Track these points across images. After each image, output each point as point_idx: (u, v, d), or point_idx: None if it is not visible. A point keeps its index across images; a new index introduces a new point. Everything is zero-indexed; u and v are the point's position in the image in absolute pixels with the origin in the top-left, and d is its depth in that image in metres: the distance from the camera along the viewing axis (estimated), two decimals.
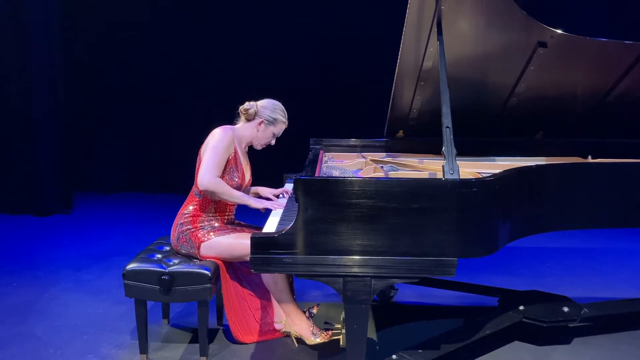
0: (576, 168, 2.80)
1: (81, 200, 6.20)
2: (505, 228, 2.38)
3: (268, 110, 2.86)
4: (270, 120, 2.85)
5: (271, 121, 2.86)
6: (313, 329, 2.86)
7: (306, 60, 6.29)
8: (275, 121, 2.86)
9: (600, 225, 2.77)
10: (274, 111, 2.87)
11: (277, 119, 2.87)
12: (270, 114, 2.86)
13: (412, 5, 2.46)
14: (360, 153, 3.38)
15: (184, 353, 2.86)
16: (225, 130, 2.78)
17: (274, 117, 2.86)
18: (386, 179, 2.28)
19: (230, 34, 6.31)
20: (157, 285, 2.64)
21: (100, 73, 6.50)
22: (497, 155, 3.27)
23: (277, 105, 2.90)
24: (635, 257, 4.54)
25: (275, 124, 2.87)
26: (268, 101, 2.90)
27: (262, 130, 2.87)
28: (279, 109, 2.89)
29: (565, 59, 2.86)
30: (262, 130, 2.86)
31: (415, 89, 2.96)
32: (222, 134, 2.75)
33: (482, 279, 3.63)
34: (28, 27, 5.47)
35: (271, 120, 2.86)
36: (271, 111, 2.86)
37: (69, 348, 2.90)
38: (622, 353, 2.90)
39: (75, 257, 4.36)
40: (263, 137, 2.89)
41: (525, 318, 2.89)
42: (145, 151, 6.63)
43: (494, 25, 2.69)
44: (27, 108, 5.60)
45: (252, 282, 2.99)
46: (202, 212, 2.81)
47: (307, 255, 2.16)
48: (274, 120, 2.86)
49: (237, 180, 2.81)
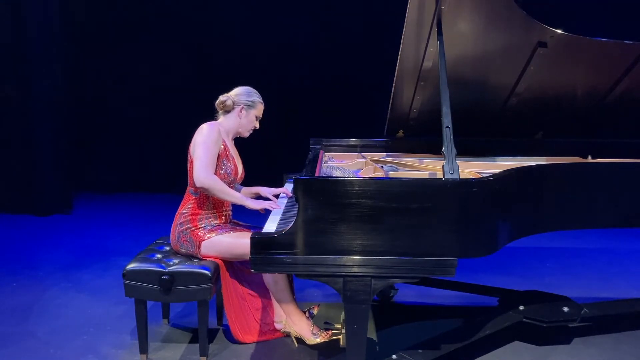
0: (576, 168, 2.80)
1: (81, 200, 6.21)
2: (505, 228, 2.38)
3: (243, 96, 2.90)
4: (249, 103, 2.89)
5: (250, 104, 2.89)
6: (313, 328, 2.87)
7: (306, 60, 6.29)
8: (253, 103, 2.90)
9: (600, 225, 2.77)
10: (250, 95, 2.91)
11: (255, 100, 2.91)
12: (247, 98, 2.89)
13: (412, 5, 2.46)
14: (360, 153, 3.38)
15: (184, 353, 2.86)
16: (212, 125, 2.81)
17: (251, 99, 2.90)
18: (386, 179, 2.28)
19: (231, 34, 6.31)
20: (157, 285, 2.64)
21: (101, 73, 6.51)
22: (497, 155, 3.27)
23: (249, 89, 2.94)
24: (635, 257, 4.53)
25: (254, 106, 2.91)
26: (240, 88, 2.94)
27: (245, 116, 2.90)
28: (253, 92, 2.93)
29: (565, 59, 2.86)
30: (244, 116, 2.90)
31: (415, 89, 2.96)
32: (209, 128, 2.77)
33: (482, 279, 3.63)
34: (27, 27, 5.47)
35: (250, 103, 2.89)
36: (247, 96, 2.90)
37: (69, 348, 2.90)
38: (622, 353, 2.90)
39: (75, 257, 4.37)
40: (247, 122, 2.92)
41: (525, 318, 2.89)
42: (145, 151, 6.63)
43: (494, 25, 2.69)
44: (27, 108, 5.60)
45: (252, 282, 2.99)
46: (200, 210, 2.81)
47: (307, 255, 2.16)
48: (252, 103, 2.90)
49: (231, 174, 2.82)
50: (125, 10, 6.35)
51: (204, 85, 6.36)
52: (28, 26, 5.47)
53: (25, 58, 5.53)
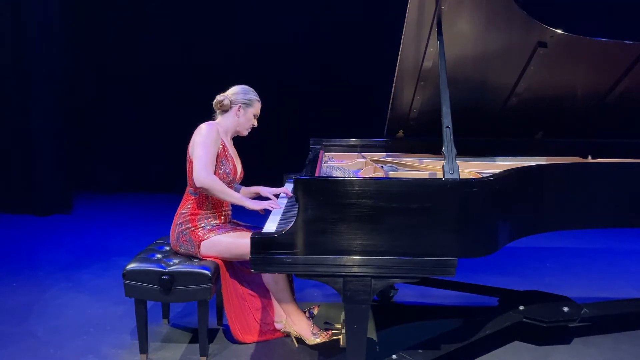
0: (576, 168, 2.80)
1: (81, 200, 6.21)
2: (505, 228, 2.38)
3: (240, 95, 2.90)
4: (246, 102, 2.89)
5: (247, 103, 2.89)
6: (313, 328, 2.87)
7: (306, 60, 6.29)
8: (250, 102, 2.90)
9: (600, 225, 2.77)
10: (246, 93, 2.91)
11: (252, 99, 2.91)
12: (244, 97, 2.89)
13: (412, 5, 2.46)
14: (360, 153, 3.37)
15: (184, 353, 2.86)
16: (211, 125, 2.81)
17: (248, 98, 2.90)
18: (386, 179, 2.28)
19: (231, 33, 6.31)
20: (157, 285, 2.64)
21: (101, 73, 6.50)
22: (497, 155, 3.27)
23: (246, 87, 2.94)
24: (635, 257, 4.53)
25: (251, 104, 2.91)
26: (236, 87, 2.93)
27: (243, 115, 2.90)
28: (249, 91, 2.93)
29: (565, 59, 2.86)
30: (242, 115, 2.89)
31: (415, 89, 2.96)
32: (208, 128, 2.78)
33: (482, 279, 3.62)
34: (27, 27, 5.47)
35: (247, 102, 2.89)
36: (244, 94, 2.90)
37: (69, 348, 2.90)
38: (622, 353, 2.90)
39: (75, 257, 4.36)
40: (246, 120, 2.92)
41: (525, 318, 2.89)
42: (145, 151, 6.63)
43: (494, 25, 2.69)
44: (27, 108, 5.60)
45: (252, 282, 2.99)
46: (200, 210, 2.81)
47: (307, 255, 2.16)
48: (249, 101, 2.90)
49: (230, 173, 2.82)
50: (125, 11, 6.35)
51: (203, 85, 6.35)
52: (28, 26, 5.47)
53: (25, 58, 5.53)
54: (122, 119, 6.57)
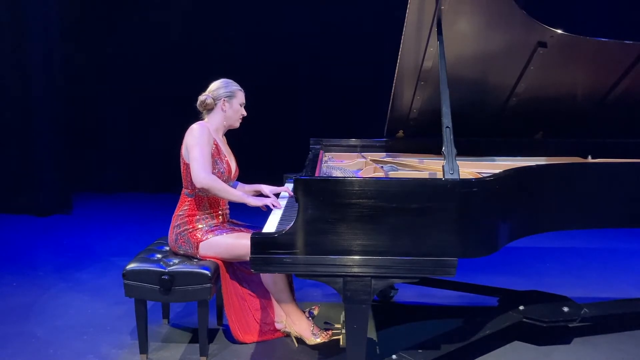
0: (576, 168, 2.80)
1: (81, 200, 6.20)
2: (505, 228, 2.38)
3: (222, 89, 2.88)
4: (229, 94, 2.87)
5: (230, 95, 2.88)
6: (313, 329, 2.86)
7: (306, 60, 6.28)
8: (233, 93, 2.88)
9: (600, 225, 2.77)
10: (227, 86, 2.89)
11: (233, 90, 2.89)
12: (226, 90, 2.88)
13: (412, 5, 2.46)
14: (360, 153, 3.37)
15: (184, 353, 2.86)
16: (202, 125, 2.80)
17: (230, 90, 2.88)
18: (386, 179, 2.28)
19: (230, 34, 6.31)
20: (157, 285, 2.64)
21: (100, 73, 6.50)
22: (497, 155, 3.27)
23: (225, 80, 2.92)
24: (635, 257, 4.53)
25: (234, 95, 2.89)
26: (216, 83, 2.92)
27: (229, 108, 2.88)
28: (229, 82, 2.92)
29: (565, 59, 2.86)
30: (228, 108, 2.88)
31: (415, 89, 2.96)
32: (200, 128, 2.77)
33: (482, 279, 3.62)
34: (27, 27, 5.47)
35: (229, 94, 2.87)
36: (225, 87, 2.88)
37: (69, 348, 2.90)
38: (622, 353, 2.90)
39: (75, 257, 4.36)
40: (233, 112, 2.90)
41: (525, 318, 2.89)
42: (145, 151, 6.63)
43: (494, 25, 2.69)
44: (27, 108, 5.60)
45: (252, 282, 2.99)
46: (197, 211, 2.81)
47: (307, 255, 2.16)
48: (231, 92, 2.88)
49: (225, 172, 2.81)
50: (125, 11, 6.34)
51: (203, 85, 6.36)
52: (28, 26, 5.47)
53: (25, 58, 5.52)
54: (122, 119, 6.56)
